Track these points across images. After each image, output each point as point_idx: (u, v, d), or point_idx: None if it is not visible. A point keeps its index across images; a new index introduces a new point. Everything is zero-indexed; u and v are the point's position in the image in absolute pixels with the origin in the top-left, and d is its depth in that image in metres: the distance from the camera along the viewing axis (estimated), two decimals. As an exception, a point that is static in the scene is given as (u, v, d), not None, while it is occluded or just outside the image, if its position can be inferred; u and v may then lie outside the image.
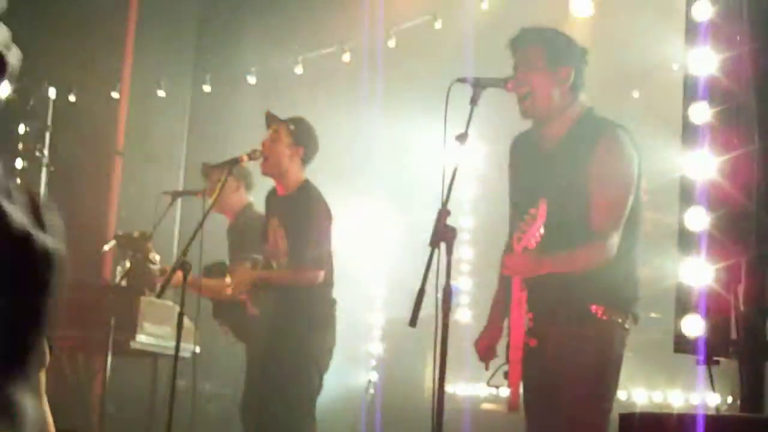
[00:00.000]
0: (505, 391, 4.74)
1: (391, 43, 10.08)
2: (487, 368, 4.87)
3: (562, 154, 4.76)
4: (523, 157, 4.99)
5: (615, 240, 4.61)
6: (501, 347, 4.84)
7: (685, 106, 4.50)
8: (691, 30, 4.52)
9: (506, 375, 4.65)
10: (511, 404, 4.64)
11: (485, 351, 4.92)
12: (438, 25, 9.80)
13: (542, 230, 4.48)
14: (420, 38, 10.01)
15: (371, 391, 9.98)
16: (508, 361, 4.64)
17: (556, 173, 4.75)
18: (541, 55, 4.79)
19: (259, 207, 7.07)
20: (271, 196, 6.73)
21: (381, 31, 10.08)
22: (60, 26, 10.06)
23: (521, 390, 4.63)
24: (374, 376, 10.06)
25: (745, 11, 4.26)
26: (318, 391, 6.42)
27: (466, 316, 9.80)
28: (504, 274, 4.83)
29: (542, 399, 4.70)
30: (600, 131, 4.74)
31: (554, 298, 4.64)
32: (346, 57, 10.46)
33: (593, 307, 4.61)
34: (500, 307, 4.92)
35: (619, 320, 4.66)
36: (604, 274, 4.61)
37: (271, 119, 6.57)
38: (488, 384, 4.85)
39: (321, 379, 6.43)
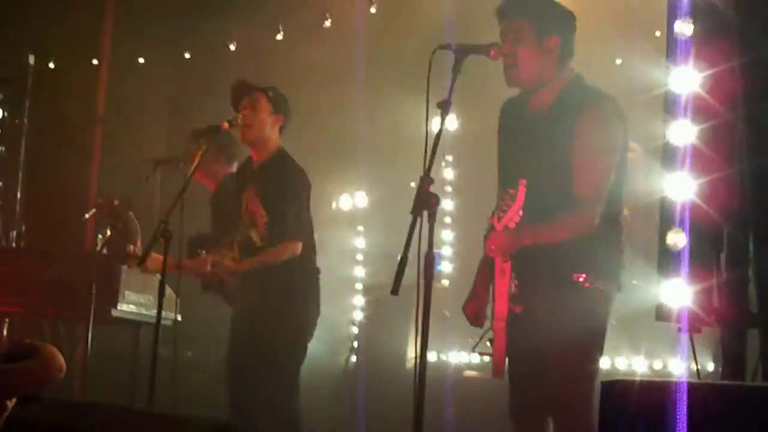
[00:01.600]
0: (489, 359, 4.74)
1: (373, 10, 10.04)
2: (481, 326, 4.87)
3: (546, 124, 4.75)
4: (510, 124, 4.98)
5: (598, 209, 4.61)
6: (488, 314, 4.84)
7: (666, 126, 4.50)
8: (673, 48, 4.49)
9: (491, 342, 4.66)
10: (496, 370, 4.66)
11: (474, 315, 4.94)
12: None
13: (521, 212, 4.52)
14: (402, 4, 9.96)
15: (352, 358, 10.00)
16: (492, 328, 4.65)
17: (539, 144, 4.73)
18: (528, 26, 4.75)
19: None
20: (246, 166, 6.70)
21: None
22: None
23: (506, 356, 4.64)
24: (356, 343, 10.07)
25: (734, 26, 4.23)
26: (302, 359, 6.43)
27: (447, 282, 9.81)
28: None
29: (526, 365, 4.71)
30: (585, 101, 4.71)
31: (538, 267, 4.65)
32: (327, 23, 10.41)
33: (576, 275, 4.61)
34: (486, 272, 4.91)
35: (603, 288, 4.65)
36: (588, 242, 4.60)
37: (247, 88, 6.53)
38: (473, 350, 4.86)
39: (305, 348, 6.44)
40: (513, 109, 4.98)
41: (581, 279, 4.61)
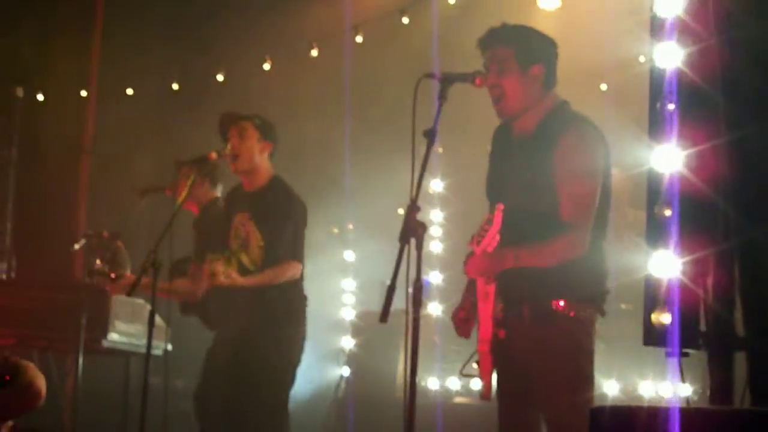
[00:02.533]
0: (477, 383, 4.76)
1: (359, 39, 10.09)
2: (467, 335, 4.87)
3: (529, 148, 4.77)
4: (498, 149, 5.01)
5: (587, 233, 4.62)
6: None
7: (652, 100, 4.50)
8: (657, 25, 4.51)
9: (478, 364, 4.68)
10: (483, 394, 4.68)
11: (463, 323, 4.89)
12: (405, 20, 9.79)
13: (498, 237, 4.53)
14: (388, 34, 10.01)
15: (342, 386, 9.98)
16: (477, 351, 4.67)
17: (520, 167, 4.76)
18: (511, 56, 4.78)
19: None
20: (237, 191, 6.71)
21: (348, 26, 10.08)
22: (27, 25, 10.01)
23: (494, 380, 4.67)
24: (346, 371, 10.06)
25: (711, 5, 4.26)
26: (291, 384, 6.43)
27: (437, 310, 9.81)
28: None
29: (514, 387, 4.72)
30: (567, 125, 4.73)
31: (520, 292, 4.65)
32: (314, 53, 10.46)
33: (555, 302, 4.61)
34: (473, 291, 4.88)
35: (584, 315, 4.65)
36: (569, 268, 4.60)
37: (233, 118, 6.56)
38: (461, 373, 4.87)
39: (294, 373, 6.44)
40: (501, 134, 5.01)
41: (561, 305, 4.61)
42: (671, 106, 4.34)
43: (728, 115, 4.20)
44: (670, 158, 4.29)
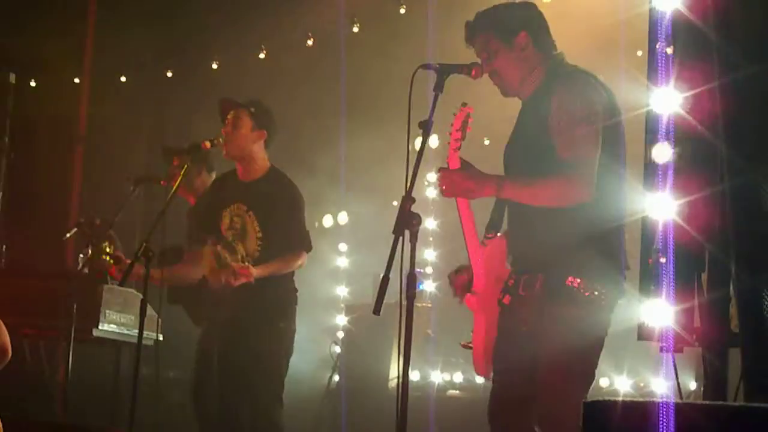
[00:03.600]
0: (475, 378, 4.73)
1: (355, 29, 10.06)
2: (460, 300, 4.79)
3: (527, 109, 4.75)
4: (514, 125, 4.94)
5: (589, 176, 4.44)
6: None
7: (648, 146, 4.48)
8: (653, 69, 4.48)
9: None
10: (478, 367, 4.66)
11: (462, 282, 4.79)
12: (402, 10, 9.77)
13: (460, 135, 4.50)
14: (384, 24, 9.98)
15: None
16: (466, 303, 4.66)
17: (519, 130, 4.73)
18: (492, 37, 4.76)
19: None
20: (229, 180, 6.67)
21: (343, 16, 10.06)
22: (20, 11, 9.96)
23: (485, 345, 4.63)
24: (337, 352, 10.06)
25: (714, 48, 4.24)
26: (285, 374, 6.42)
27: (431, 287, 9.80)
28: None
29: (510, 364, 4.60)
30: (559, 78, 4.68)
31: (534, 261, 4.55)
32: (310, 42, 10.43)
33: (570, 279, 4.44)
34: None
35: (601, 294, 4.46)
36: (585, 243, 4.44)
37: (229, 105, 6.54)
38: (461, 345, 4.80)
39: (288, 364, 6.44)
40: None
41: (576, 284, 4.44)
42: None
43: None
44: (664, 206, 4.31)
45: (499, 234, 4.73)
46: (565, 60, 4.81)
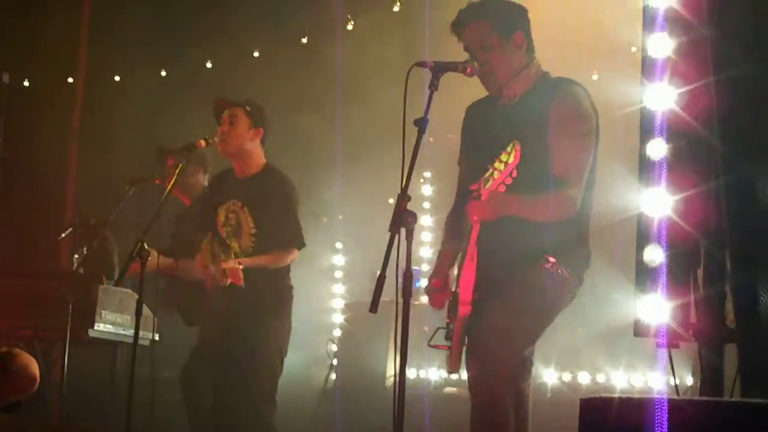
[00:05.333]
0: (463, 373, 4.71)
1: (350, 26, 10.05)
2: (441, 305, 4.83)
3: (521, 107, 4.77)
4: (480, 116, 4.98)
5: (578, 192, 4.61)
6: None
7: (642, 143, 4.49)
8: (648, 65, 4.48)
9: (449, 334, 4.67)
10: (450, 363, 4.64)
11: (436, 293, 4.85)
12: (396, 8, 9.76)
13: (515, 173, 4.41)
14: (379, 21, 9.97)
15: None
16: (454, 318, 4.63)
17: (518, 123, 4.71)
18: (488, 27, 4.78)
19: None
20: (227, 178, 6.67)
21: (340, 14, 10.05)
22: (14, 11, 9.94)
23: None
24: (334, 350, 10.06)
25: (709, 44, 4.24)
26: (279, 375, 6.42)
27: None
28: (450, 233, 4.89)
29: (481, 338, 4.61)
30: (557, 85, 4.75)
31: (509, 245, 4.62)
32: (304, 40, 10.42)
33: (547, 256, 4.59)
34: (449, 258, 4.91)
35: (569, 274, 4.65)
36: (560, 229, 4.61)
37: (223, 103, 6.55)
38: (429, 344, 4.83)
39: (282, 363, 6.43)
40: (480, 106, 5.00)
41: (551, 261, 4.60)
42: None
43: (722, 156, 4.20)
44: (660, 202, 4.32)
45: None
46: (550, 74, 4.86)
